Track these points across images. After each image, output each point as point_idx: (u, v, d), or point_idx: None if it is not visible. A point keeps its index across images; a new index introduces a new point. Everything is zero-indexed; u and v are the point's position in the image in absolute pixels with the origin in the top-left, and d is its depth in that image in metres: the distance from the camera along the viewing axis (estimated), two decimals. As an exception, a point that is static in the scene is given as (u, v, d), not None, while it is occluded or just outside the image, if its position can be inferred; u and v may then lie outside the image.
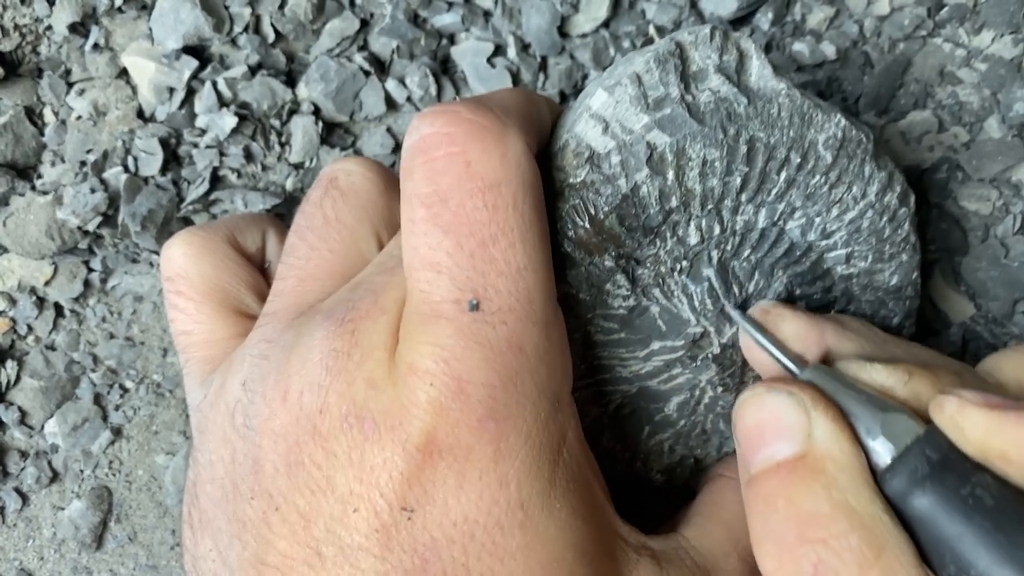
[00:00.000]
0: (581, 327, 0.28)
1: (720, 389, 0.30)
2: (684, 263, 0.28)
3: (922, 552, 0.21)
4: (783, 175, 0.27)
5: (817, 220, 0.28)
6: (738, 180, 0.26)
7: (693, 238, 0.27)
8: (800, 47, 0.38)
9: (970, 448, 0.20)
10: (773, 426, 0.23)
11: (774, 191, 0.27)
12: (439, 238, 0.23)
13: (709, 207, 0.27)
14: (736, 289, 0.29)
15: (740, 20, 0.38)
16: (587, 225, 0.26)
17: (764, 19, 0.38)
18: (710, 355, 0.30)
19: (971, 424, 0.20)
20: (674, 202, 0.26)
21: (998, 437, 0.20)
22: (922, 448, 0.21)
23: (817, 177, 0.27)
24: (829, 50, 0.38)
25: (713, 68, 0.26)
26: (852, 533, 0.21)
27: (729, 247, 0.28)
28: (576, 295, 0.27)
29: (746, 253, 0.28)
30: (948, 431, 0.21)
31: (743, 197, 0.27)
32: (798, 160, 0.26)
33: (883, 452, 0.21)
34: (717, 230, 0.27)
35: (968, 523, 0.19)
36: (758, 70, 0.27)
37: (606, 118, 0.26)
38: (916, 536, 0.21)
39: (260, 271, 0.31)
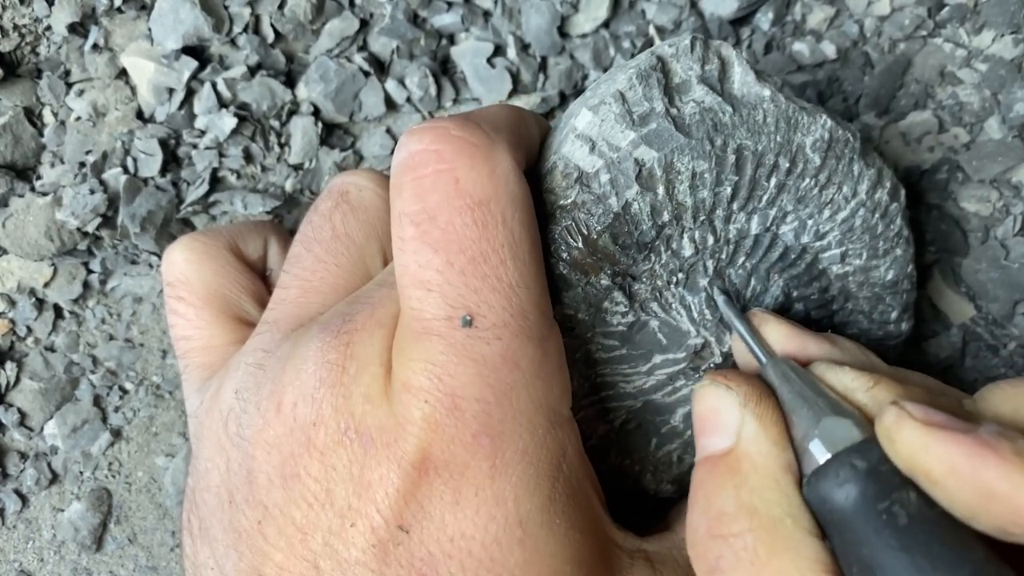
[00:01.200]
0: (582, 346, 0.28)
1: None
2: (680, 275, 0.28)
3: (839, 557, 0.21)
4: (773, 181, 0.26)
5: (810, 222, 0.28)
6: (728, 189, 0.26)
7: (687, 250, 0.27)
8: (800, 47, 0.38)
9: (899, 461, 0.20)
10: (711, 419, 0.23)
11: (765, 197, 0.27)
12: (429, 256, 0.23)
13: (701, 218, 0.27)
14: (733, 297, 0.29)
15: (740, 20, 0.38)
16: (581, 246, 0.26)
17: (764, 19, 0.38)
18: (712, 365, 0.30)
19: (903, 438, 0.20)
20: (666, 216, 0.26)
21: (925, 455, 0.19)
22: (850, 456, 0.21)
23: (807, 180, 0.27)
24: (829, 50, 0.38)
25: (696, 79, 0.26)
26: (749, 533, 0.21)
27: (724, 256, 0.28)
28: (575, 315, 0.27)
29: (741, 260, 0.28)
30: (882, 441, 0.21)
31: (735, 206, 0.27)
32: (787, 165, 0.26)
33: (817, 454, 0.22)
34: (711, 240, 0.27)
35: (877, 538, 0.19)
36: (741, 77, 0.27)
37: (592, 137, 0.26)
38: (833, 540, 0.21)
39: (261, 278, 0.31)
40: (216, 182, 0.38)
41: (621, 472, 0.30)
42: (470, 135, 0.23)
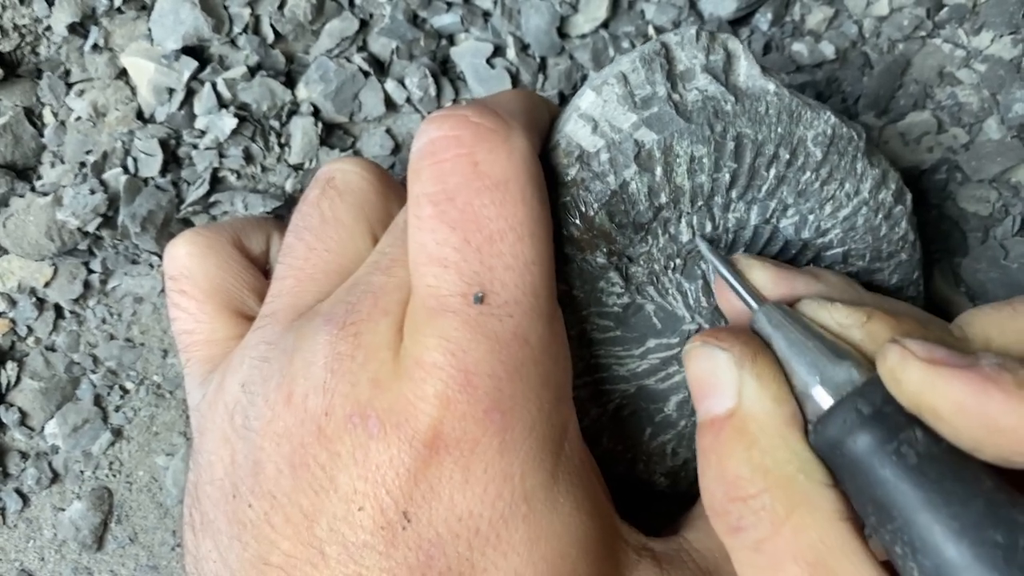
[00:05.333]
0: (577, 324, 0.28)
1: None
2: (677, 261, 0.28)
3: (852, 500, 0.21)
4: (772, 171, 0.27)
5: (811, 218, 0.28)
6: (727, 176, 0.26)
7: (685, 235, 0.27)
8: (799, 47, 0.38)
9: (905, 401, 0.21)
10: (710, 381, 0.24)
11: (765, 188, 0.27)
12: (446, 234, 0.23)
13: (699, 204, 0.27)
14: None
15: (739, 20, 0.38)
16: (578, 222, 0.26)
17: (763, 19, 0.38)
18: None
19: (908, 377, 0.20)
20: (663, 198, 0.26)
21: (931, 392, 0.20)
22: (855, 400, 0.21)
23: (808, 174, 0.27)
24: (828, 50, 0.38)
25: (700, 68, 0.27)
26: (766, 493, 0.22)
27: (722, 245, 0.28)
28: (570, 292, 0.27)
29: (740, 251, 0.28)
30: (886, 381, 0.21)
31: (733, 194, 0.27)
32: (787, 156, 0.26)
33: (821, 400, 0.22)
34: (709, 227, 0.27)
35: (889, 480, 0.20)
36: (746, 70, 0.27)
37: (595, 117, 0.26)
38: (846, 484, 0.21)
39: (263, 274, 0.31)
40: (216, 182, 0.38)
41: (613, 458, 0.31)
42: (488, 121, 0.24)
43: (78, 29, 0.38)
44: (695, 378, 0.24)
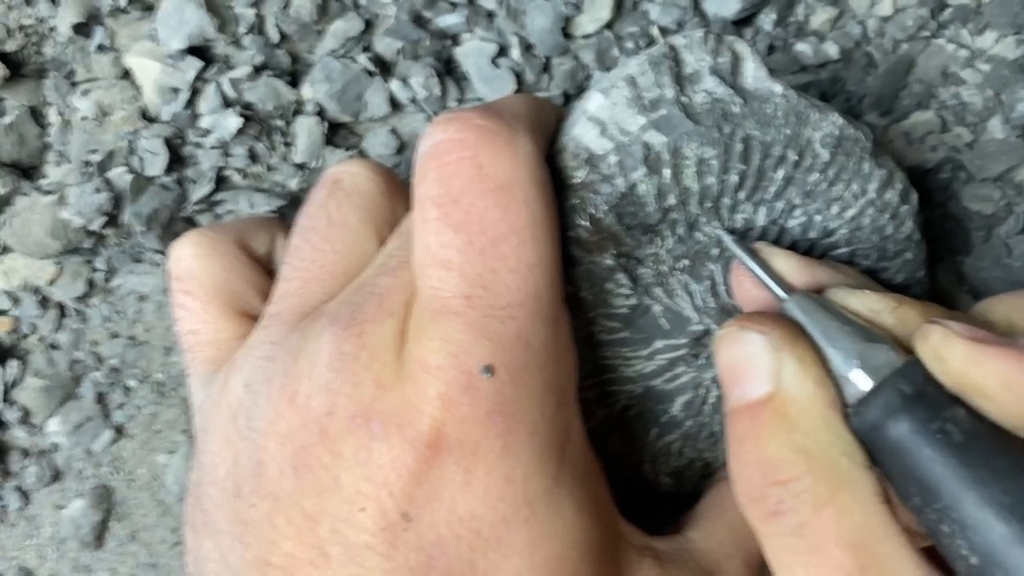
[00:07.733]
0: (584, 326, 0.28)
1: None
2: (685, 262, 0.28)
3: (894, 482, 0.21)
4: (780, 173, 0.27)
5: (818, 218, 0.28)
6: (735, 178, 0.26)
7: (694, 236, 0.27)
8: (803, 47, 0.38)
9: (948, 380, 0.21)
10: (745, 366, 0.24)
11: (772, 189, 0.27)
12: (450, 236, 0.23)
13: (707, 205, 0.27)
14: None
15: (743, 21, 0.39)
16: (587, 224, 0.26)
17: (767, 20, 0.38)
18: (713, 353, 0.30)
19: (952, 355, 0.20)
20: (672, 200, 0.26)
21: (977, 370, 0.20)
22: (896, 381, 0.21)
23: (815, 175, 0.27)
24: (832, 50, 0.38)
25: (708, 70, 0.27)
26: (808, 475, 0.22)
27: None
28: (577, 294, 0.27)
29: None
30: (929, 361, 0.21)
31: (741, 195, 0.27)
32: (795, 158, 0.26)
33: (860, 383, 0.22)
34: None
35: (935, 459, 0.20)
36: (753, 72, 0.27)
37: (603, 120, 0.26)
38: (887, 467, 0.21)
39: (268, 274, 0.31)
40: (221, 181, 0.38)
41: (620, 460, 0.31)
42: (492, 123, 0.24)
43: (83, 29, 0.38)
44: (728, 363, 0.24)
